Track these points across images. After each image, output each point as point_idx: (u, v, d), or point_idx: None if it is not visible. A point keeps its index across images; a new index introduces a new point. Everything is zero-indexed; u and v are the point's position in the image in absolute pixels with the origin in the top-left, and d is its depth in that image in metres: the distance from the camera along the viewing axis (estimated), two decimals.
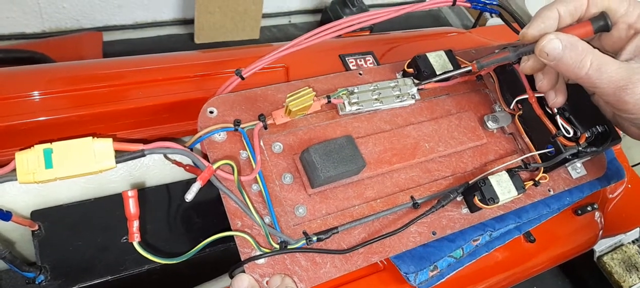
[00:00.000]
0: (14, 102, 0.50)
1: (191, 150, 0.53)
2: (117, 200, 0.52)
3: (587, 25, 0.47)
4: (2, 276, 0.57)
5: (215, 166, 0.43)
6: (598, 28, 0.47)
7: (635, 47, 0.46)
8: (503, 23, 0.72)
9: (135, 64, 0.60)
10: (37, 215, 0.51)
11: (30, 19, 1.21)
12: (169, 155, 0.53)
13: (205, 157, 0.49)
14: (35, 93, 0.51)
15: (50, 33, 1.26)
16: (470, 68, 0.56)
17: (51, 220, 0.51)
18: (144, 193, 0.57)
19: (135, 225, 0.40)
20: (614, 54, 0.48)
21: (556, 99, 0.53)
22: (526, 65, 0.51)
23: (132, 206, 0.39)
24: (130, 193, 0.39)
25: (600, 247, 0.96)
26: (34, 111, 0.49)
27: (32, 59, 0.88)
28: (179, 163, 0.51)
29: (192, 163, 0.47)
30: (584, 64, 0.44)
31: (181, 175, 0.59)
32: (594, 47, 0.45)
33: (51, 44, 1.13)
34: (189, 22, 1.41)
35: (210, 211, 0.58)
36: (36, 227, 0.50)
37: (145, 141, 0.44)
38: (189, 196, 0.40)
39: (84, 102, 0.53)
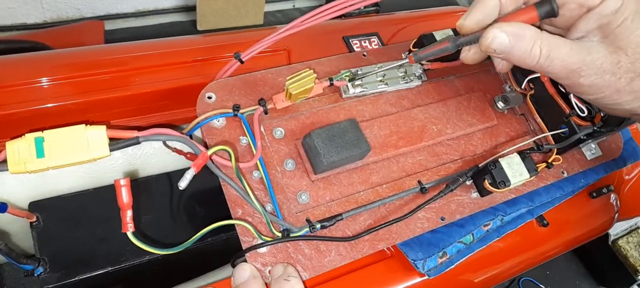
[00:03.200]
0: (4, 90, 0.48)
1: (191, 137, 0.51)
2: None
3: (531, 11, 0.42)
4: (4, 268, 0.57)
5: (210, 152, 0.41)
6: (544, 14, 0.42)
7: (586, 25, 0.41)
8: None
9: (132, 50, 0.58)
10: (35, 206, 0.50)
11: (31, 10, 1.20)
12: (169, 143, 0.51)
13: (206, 144, 0.48)
14: (28, 81, 0.49)
15: (52, 23, 1.25)
16: (407, 60, 0.50)
17: (49, 212, 0.50)
18: (145, 182, 0.56)
19: (128, 214, 0.38)
20: (565, 30, 0.43)
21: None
22: (468, 56, 0.46)
23: (124, 195, 0.38)
24: (122, 181, 0.38)
25: (615, 230, 0.94)
26: (25, 99, 0.48)
27: (33, 50, 0.87)
28: (179, 152, 0.50)
29: (190, 150, 0.46)
30: (534, 53, 0.40)
31: (183, 163, 0.58)
32: (543, 29, 0.42)
33: (52, 34, 1.12)
34: (191, 8, 1.39)
35: (213, 200, 0.56)
36: (34, 219, 0.49)
37: (141, 128, 0.42)
38: (183, 183, 0.38)
39: (79, 90, 0.51)
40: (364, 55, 0.57)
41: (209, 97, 0.49)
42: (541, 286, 1.03)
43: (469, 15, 0.43)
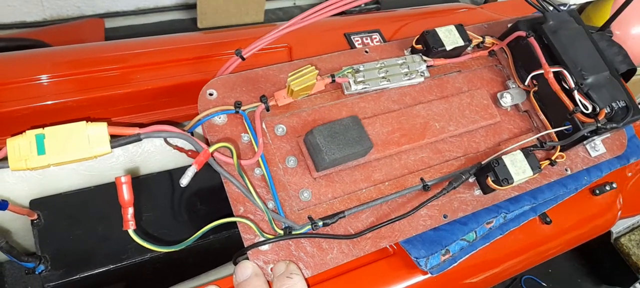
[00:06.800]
0: (5, 87, 0.48)
1: (192, 134, 0.51)
2: None
3: None
4: (5, 266, 0.56)
5: (211, 149, 0.41)
6: None
7: None
8: None
9: (133, 47, 0.58)
10: (36, 204, 0.50)
11: (31, 8, 1.20)
12: (170, 140, 0.51)
13: (208, 141, 0.47)
14: (29, 78, 0.49)
15: (52, 21, 1.24)
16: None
17: (51, 209, 0.50)
18: (146, 179, 0.55)
19: (129, 212, 0.38)
20: None
21: None
22: None
23: (125, 192, 0.37)
24: (123, 178, 0.37)
25: (618, 228, 0.94)
26: (26, 97, 0.48)
27: (33, 48, 0.87)
28: (180, 149, 0.50)
29: (191, 148, 0.45)
30: None
31: (184, 161, 0.58)
32: None
33: (53, 32, 1.11)
34: (192, 6, 1.39)
35: (214, 197, 0.56)
36: (35, 216, 0.49)
37: (142, 125, 0.42)
38: (184, 180, 0.38)
39: (81, 87, 0.51)
40: (366, 52, 0.57)
41: (211, 94, 0.49)
42: (543, 284, 1.02)
43: None
